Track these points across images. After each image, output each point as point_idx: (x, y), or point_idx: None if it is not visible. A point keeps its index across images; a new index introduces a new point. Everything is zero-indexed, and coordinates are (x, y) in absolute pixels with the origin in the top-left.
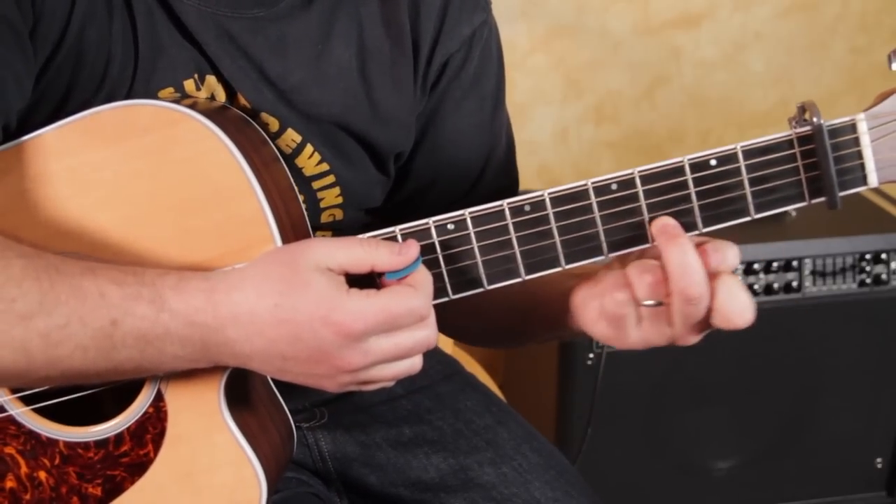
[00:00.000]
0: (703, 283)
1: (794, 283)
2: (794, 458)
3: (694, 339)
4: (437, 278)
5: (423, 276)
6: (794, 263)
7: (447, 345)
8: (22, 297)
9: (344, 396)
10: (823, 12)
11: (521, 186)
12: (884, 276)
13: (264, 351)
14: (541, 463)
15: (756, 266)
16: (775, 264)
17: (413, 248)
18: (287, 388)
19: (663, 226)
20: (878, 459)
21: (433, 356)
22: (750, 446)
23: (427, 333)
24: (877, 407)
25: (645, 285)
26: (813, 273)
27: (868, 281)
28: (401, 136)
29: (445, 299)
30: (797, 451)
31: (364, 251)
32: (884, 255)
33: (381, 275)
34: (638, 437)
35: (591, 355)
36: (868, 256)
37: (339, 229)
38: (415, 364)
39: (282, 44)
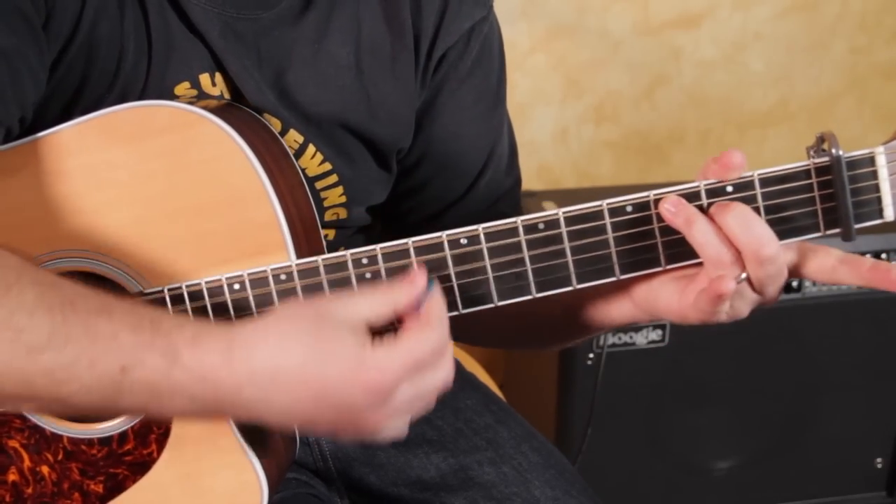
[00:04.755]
0: (773, 238)
1: (794, 283)
2: (794, 458)
3: (776, 298)
4: (448, 292)
5: (437, 306)
6: None
7: None
8: (32, 329)
9: None
10: (823, 12)
11: (521, 187)
12: None
13: (285, 410)
14: (541, 462)
15: None
16: None
17: (422, 275)
18: None
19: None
20: (878, 459)
21: None
22: (750, 446)
23: (446, 372)
24: (877, 407)
25: (728, 261)
26: None
27: None
28: (402, 132)
29: (455, 313)
30: (797, 451)
31: (384, 299)
32: (884, 255)
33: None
34: (638, 437)
35: (591, 355)
36: (868, 256)
37: (343, 227)
38: (430, 405)
39: (282, 45)
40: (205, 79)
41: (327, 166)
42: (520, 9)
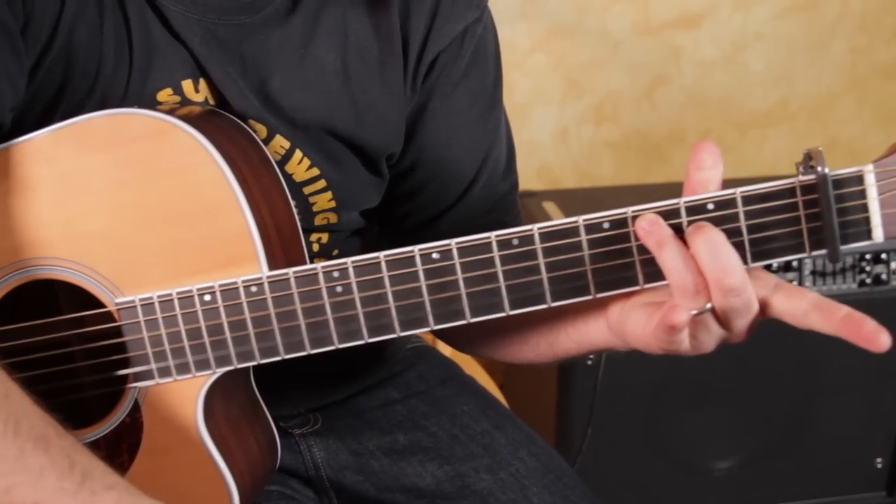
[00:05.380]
0: (739, 269)
1: (795, 283)
2: (794, 458)
3: (744, 336)
4: (419, 308)
5: None
6: (794, 263)
7: (447, 346)
8: None
9: (338, 401)
10: (823, 12)
11: (521, 187)
12: (884, 276)
13: None
14: (538, 467)
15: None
16: (775, 264)
17: None
18: (279, 394)
19: (656, 225)
20: (878, 459)
21: (431, 360)
22: (750, 446)
23: None
24: (877, 407)
25: (692, 290)
26: (813, 273)
27: (868, 281)
28: (391, 137)
29: (426, 329)
30: (797, 451)
31: None
32: (884, 255)
33: None
34: (638, 437)
35: (591, 355)
36: (868, 256)
37: (335, 231)
38: None
39: (267, 50)
40: (187, 85)
41: (315, 171)
42: (520, 9)
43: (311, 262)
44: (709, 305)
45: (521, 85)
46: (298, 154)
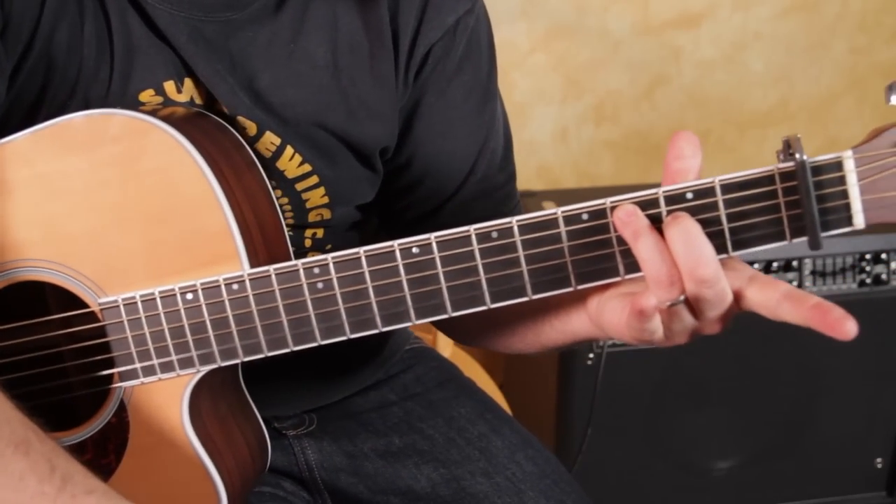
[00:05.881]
0: (713, 260)
1: (794, 283)
2: (794, 458)
3: (719, 327)
4: (401, 302)
5: None
6: (794, 263)
7: (446, 347)
8: None
9: (334, 403)
10: (823, 12)
11: (521, 186)
12: (884, 276)
13: None
14: (535, 472)
15: (756, 266)
16: (775, 264)
17: None
18: (275, 395)
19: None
20: (878, 459)
21: (430, 361)
22: (750, 446)
23: None
24: (877, 407)
25: (666, 281)
26: (813, 273)
27: (868, 281)
28: (383, 132)
29: (408, 324)
30: (797, 452)
31: None
32: (884, 255)
33: None
34: (638, 437)
35: (591, 355)
36: (868, 256)
37: (329, 227)
38: None
39: (255, 46)
40: (169, 86)
41: (307, 167)
42: (520, 9)
43: (306, 256)
44: (682, 298)
45: (521, 85)
46: (290, 150)
